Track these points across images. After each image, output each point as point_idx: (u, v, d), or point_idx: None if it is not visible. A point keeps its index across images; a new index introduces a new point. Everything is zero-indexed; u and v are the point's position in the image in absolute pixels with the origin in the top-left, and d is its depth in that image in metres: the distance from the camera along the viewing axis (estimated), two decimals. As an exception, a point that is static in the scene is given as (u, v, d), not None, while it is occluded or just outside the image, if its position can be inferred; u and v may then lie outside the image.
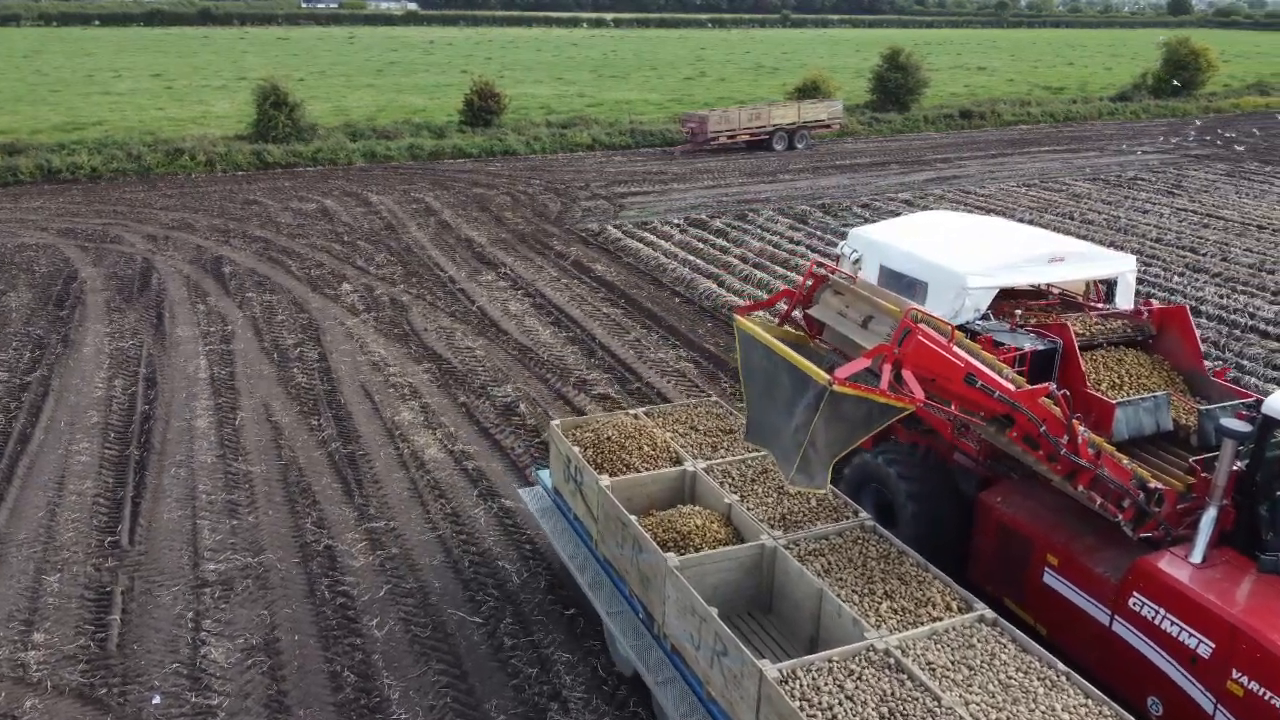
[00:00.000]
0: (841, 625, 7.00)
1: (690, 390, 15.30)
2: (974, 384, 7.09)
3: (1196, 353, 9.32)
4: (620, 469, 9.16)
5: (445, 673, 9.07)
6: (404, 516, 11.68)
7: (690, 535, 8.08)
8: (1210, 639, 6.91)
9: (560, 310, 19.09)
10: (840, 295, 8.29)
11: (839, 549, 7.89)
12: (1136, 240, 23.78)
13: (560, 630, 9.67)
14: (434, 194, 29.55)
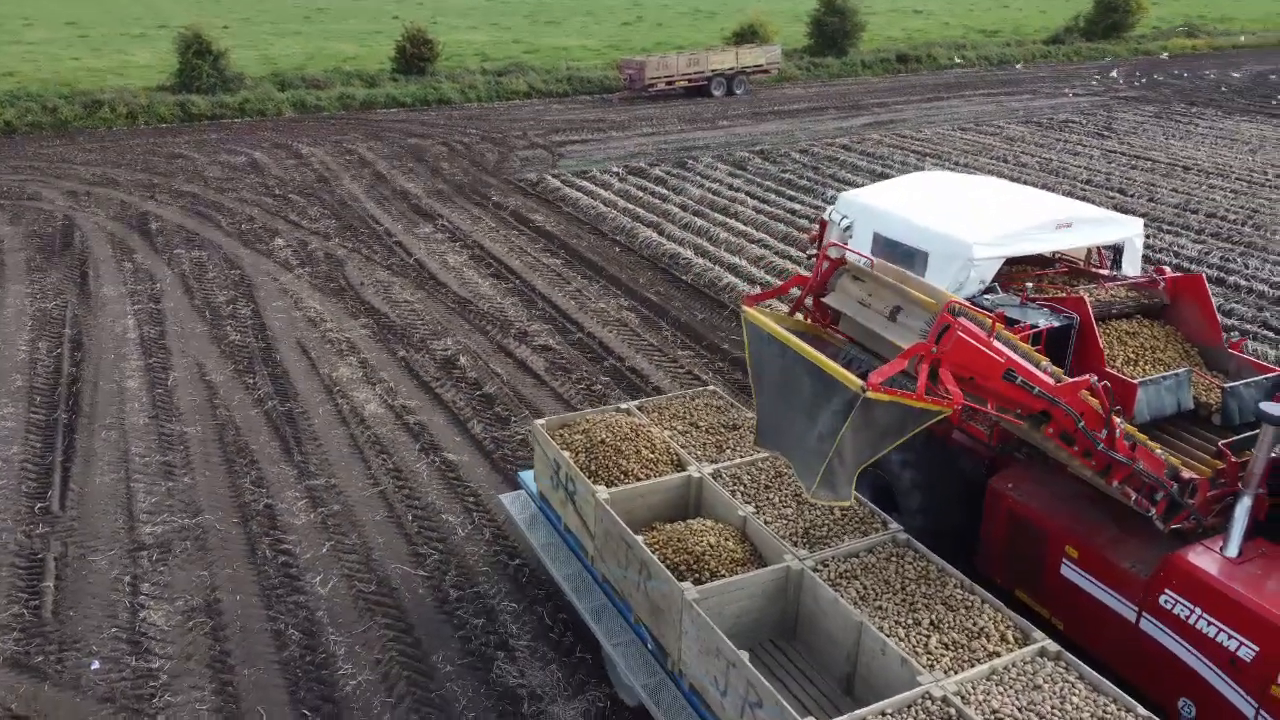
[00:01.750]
0: (887, 665, 6.26)
1: (632, 339, 15.31)
2: (1014, 380, 6.45)
3: (1214, 323, 8.80)
4: (617, 476, 8.24)
5: (390, 627, 9.08)
6: (345, 473, 11.57)
7: (704, 556, 7.24)
8: (1254, 641, 6.48)
9: (500, 261, 18.90)
10: (861, 282, 7.34)
11: (873, 569, 7.07)
12: (1068, 182, 24.18)
13: (505, 580, 9.72)
14: (367, 145, 28.90)
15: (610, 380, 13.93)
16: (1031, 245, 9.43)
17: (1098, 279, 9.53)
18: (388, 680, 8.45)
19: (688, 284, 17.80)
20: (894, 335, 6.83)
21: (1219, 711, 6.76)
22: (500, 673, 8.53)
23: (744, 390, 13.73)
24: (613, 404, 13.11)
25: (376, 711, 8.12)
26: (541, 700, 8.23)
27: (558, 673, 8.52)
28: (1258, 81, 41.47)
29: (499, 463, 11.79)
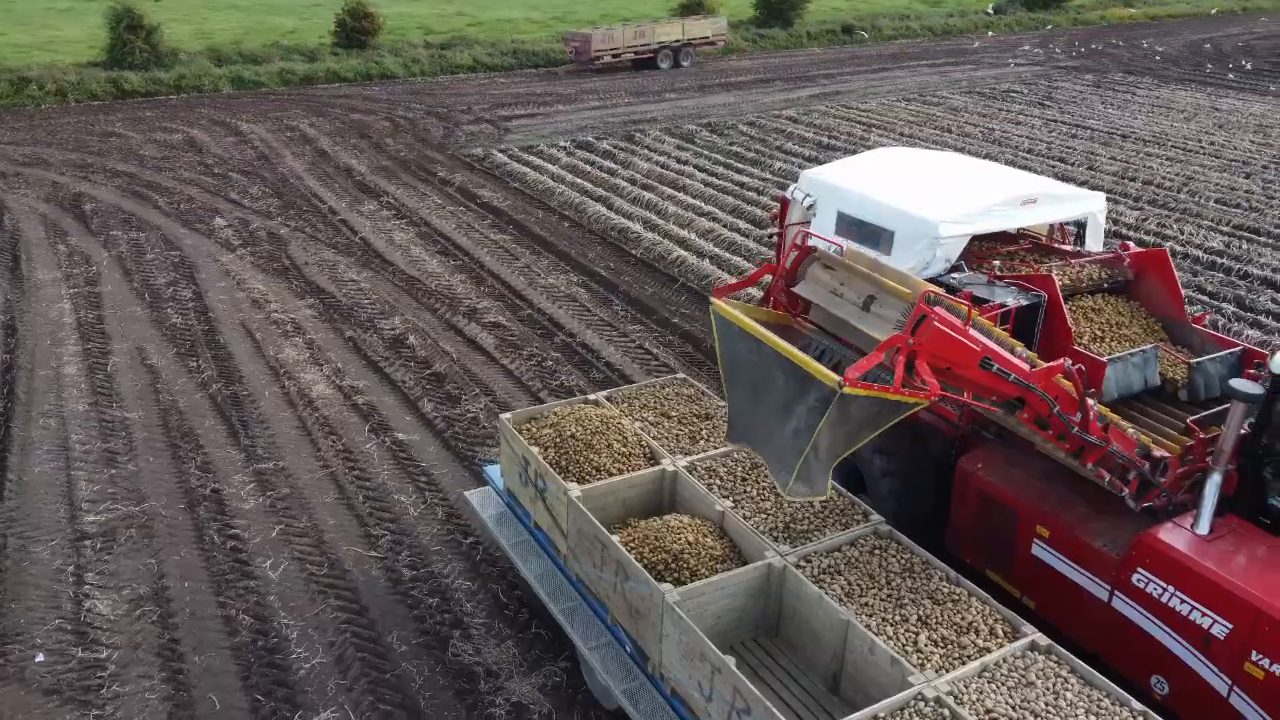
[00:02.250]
0: (875, 664, 6.12)
1: (582, 314, 15.27)
2: (990, 368, 6.36)
3: (1177, 298, 8.82)
4: (589, 472, 7.99)
5: (344, 609, 9.02)
6: (293, 456, 11.43)
7: (682, 555, 7.04)
8: (1228, 619, 6.50)
9: (447, 238, 18.70)
10: (832, 270, 7.05)
11: (856, 564, 6.94)
12: (1010, 151, 24.51)
13: (459, 559, 9.70)
14: (309, 121, 28.34)
15: (561, 357, 13.90)
16: (997, 222, 9.35)
17: (1063, 255, 9.50)
18: (342, 662, 8.41)
19: (637, 258, 17.78)
20: (868, 326, 6.57)
21: (1192, 688, 6.77)
22: (456, 651, 8.53)
23: (698, 364, 13.78)
24: (565, 381, 13.10)
25: (331, 694, 8.08)
26: (498, 677, 8.25)
27: (513, 649, 8.54)
28: (1192, 50, 42.29)
29: (450, 442, 11.73)
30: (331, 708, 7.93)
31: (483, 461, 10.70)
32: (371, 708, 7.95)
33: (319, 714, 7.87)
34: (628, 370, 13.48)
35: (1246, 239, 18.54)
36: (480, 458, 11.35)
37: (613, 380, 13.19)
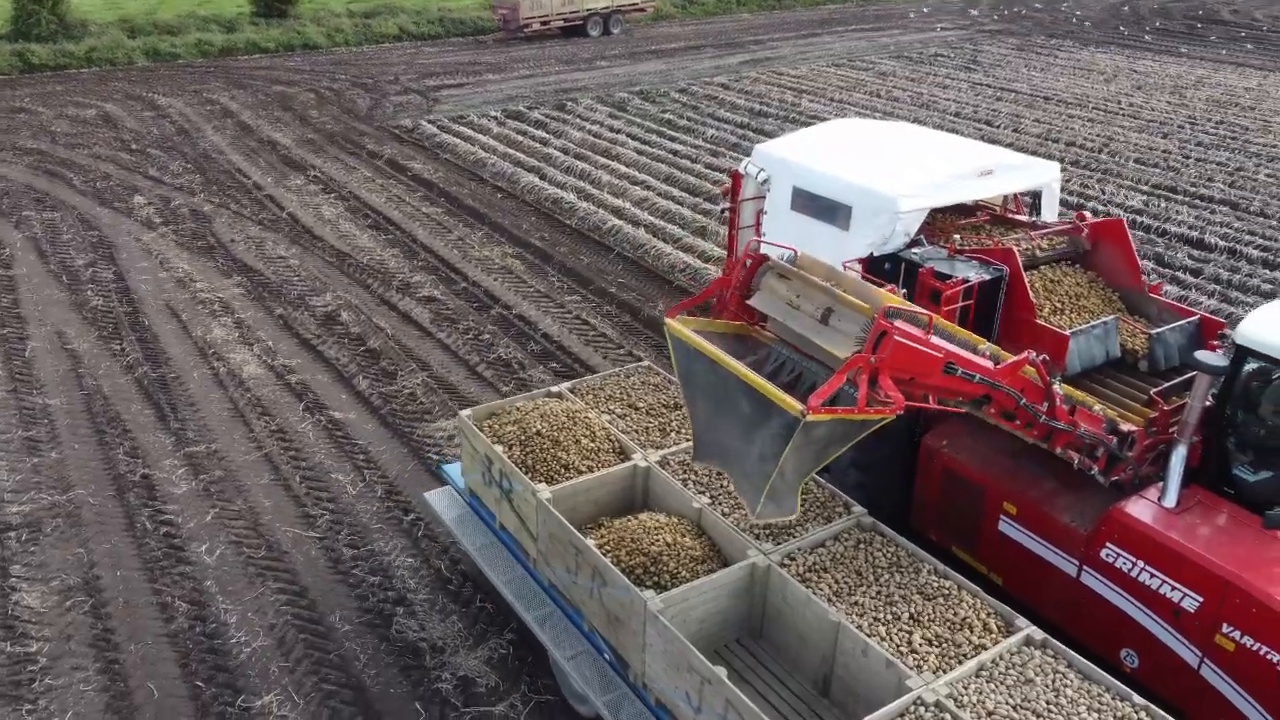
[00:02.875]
0: (869, 666, 5.94)
1: (518, 286, 15.15)
2: (955, 372, 6.21)
3: (1134, 268, 8.76)
4: (557, 471, 7.65)
5: (283, 591, 8.90)
6: (226, 438, 11.19)
7: (661, 557, 6.76)
8: (1197, 592, 6.51)
9: (377, 212, 18.37)
10: (788, 281, 6.64)
11: (841, 560, 6.72)
12: (938, 115, 24.82)
13: (400, 536, 9.62)
14: (230, 94, 27.51)
15: (498, 329, 13.79)
16: (955, 195, 9.22)
17: (1021, 226, 9.41)
18: (284, 645, 8.31)
19: (572, 228, 17.67)
20: (827, 341, 6.21)
21: (1163, 661, 6.79)
22: (400, 628, 8.48)
23: (636, 333, 13.79)
24: (503, 354, 13.00)
25: (274, 677, 7.98)
26: (444, 652, 8.23)
27: (459, 623, 8.52)
28: (1111, 13, 43.16)
29: (388, 419, 11.59)
30: (274, 691, 7.85)
31: (440, 460, 10.11)
32: (315, 689, 7.88)
33: (261, 698, 7.78)
34: (566, 342, 13.44)
35: (1164, 197, 19.08)
36: (430, 449, 11.25)
37: (551, 353, 13.14)
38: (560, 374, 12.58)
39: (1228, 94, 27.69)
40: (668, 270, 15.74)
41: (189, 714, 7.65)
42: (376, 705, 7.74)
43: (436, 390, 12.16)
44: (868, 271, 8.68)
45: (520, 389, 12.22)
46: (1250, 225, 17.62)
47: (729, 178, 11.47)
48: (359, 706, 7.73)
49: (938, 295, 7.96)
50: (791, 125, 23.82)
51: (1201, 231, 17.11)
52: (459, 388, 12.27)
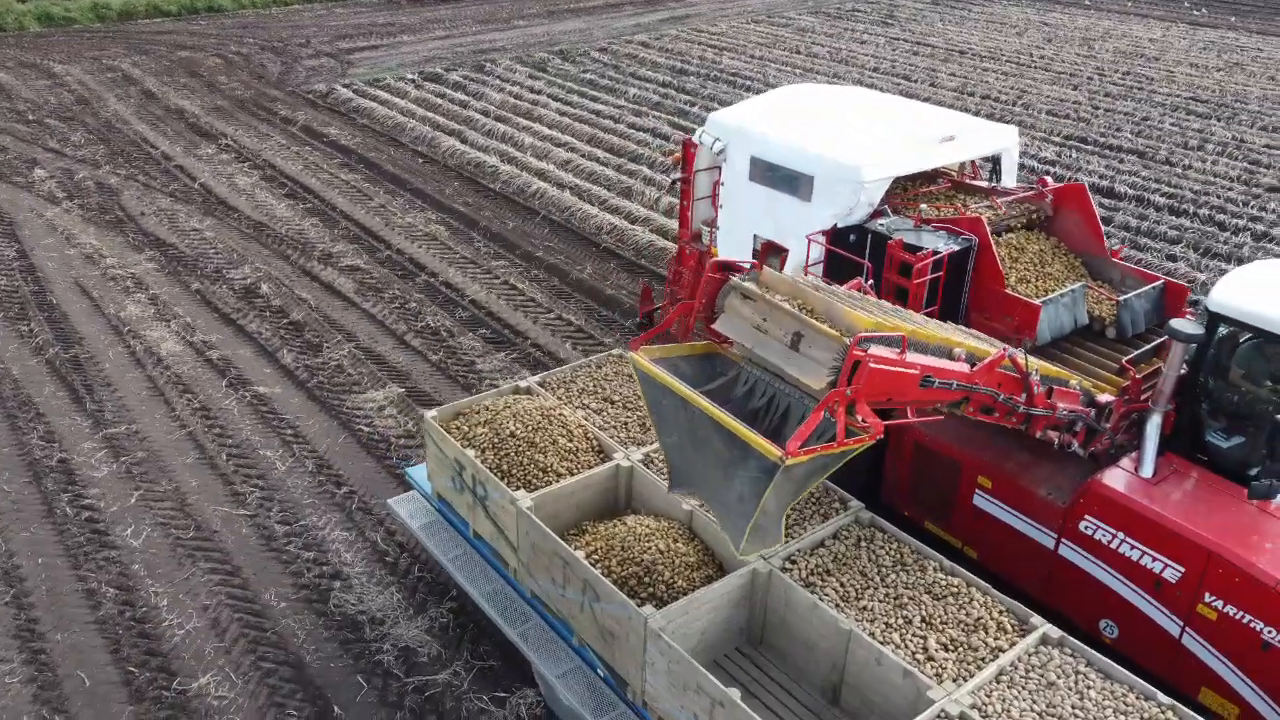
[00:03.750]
0: (885, 676, 5.69)
1: (443, 253, 14.94)
2: (932, 384, 5.97)
3: (1097, 233, 8.69)
4: (535, 475, 7.19)
5: (215, 571, 8.74)
6: (147, 418, 10.88)
7: (655, 566, 6.41)
8: (1179, 563, 6.49)
9: (294, 181, 17.88)
10: (753, 303, 6.18)
11: (845, 560, 6.43)
12: (857, 71, 25.02)
13: (333, 510, 9.50)
14: (132, 60, 26.37)
15: (425, 297, 13.60)
16: (918, 162, 9.02)
17: (982, 193, 9.30)
18: (218, 625, 8.17)
19: (496, 192, 17.45)
20: (798, 370, 5.80)
21: (1143, 631, 6.78)
22: (338, 602, 8.41)
23: (565, 297, 13.73)
24: (431, 322, 12.84)
25: (210, 658, 7.86)
26: (384, 624, 8.18)
27: (397, 595, 8.48)
28: (1022, -34, 43.79)
29: (315, 392, 11.38)
30: (210, 672, 7.73)
31: (402, 463, 9.58)
32: (253, 668, 7.78)
33: (197, 680, 7.66)
34: (495, 308, 13.32)
35: (1076, 148, 19.58)
36: (360, 420, 11.08)
37: (480, 319, 13.02)
38: (490, 340, 12.49)
39: (1133, 45, 28.44)
40: (594, 232, 15.67)
41: (122, 701, 7.50)
42: (317, 681, 7.68)
43: (364, 361, 11.98)
44: (832, 243, 8.58)
45: (449, 357, 12.11)
46: (1157, 173, 18.21)
47: (679, 146, 11.15)
48: (299, 683, 7.66)
49: (908, 268, 7.85)
50: (713, 83, 23.79)
51: (1111, 181, 17.62)
52: (387, 358, 12.09)
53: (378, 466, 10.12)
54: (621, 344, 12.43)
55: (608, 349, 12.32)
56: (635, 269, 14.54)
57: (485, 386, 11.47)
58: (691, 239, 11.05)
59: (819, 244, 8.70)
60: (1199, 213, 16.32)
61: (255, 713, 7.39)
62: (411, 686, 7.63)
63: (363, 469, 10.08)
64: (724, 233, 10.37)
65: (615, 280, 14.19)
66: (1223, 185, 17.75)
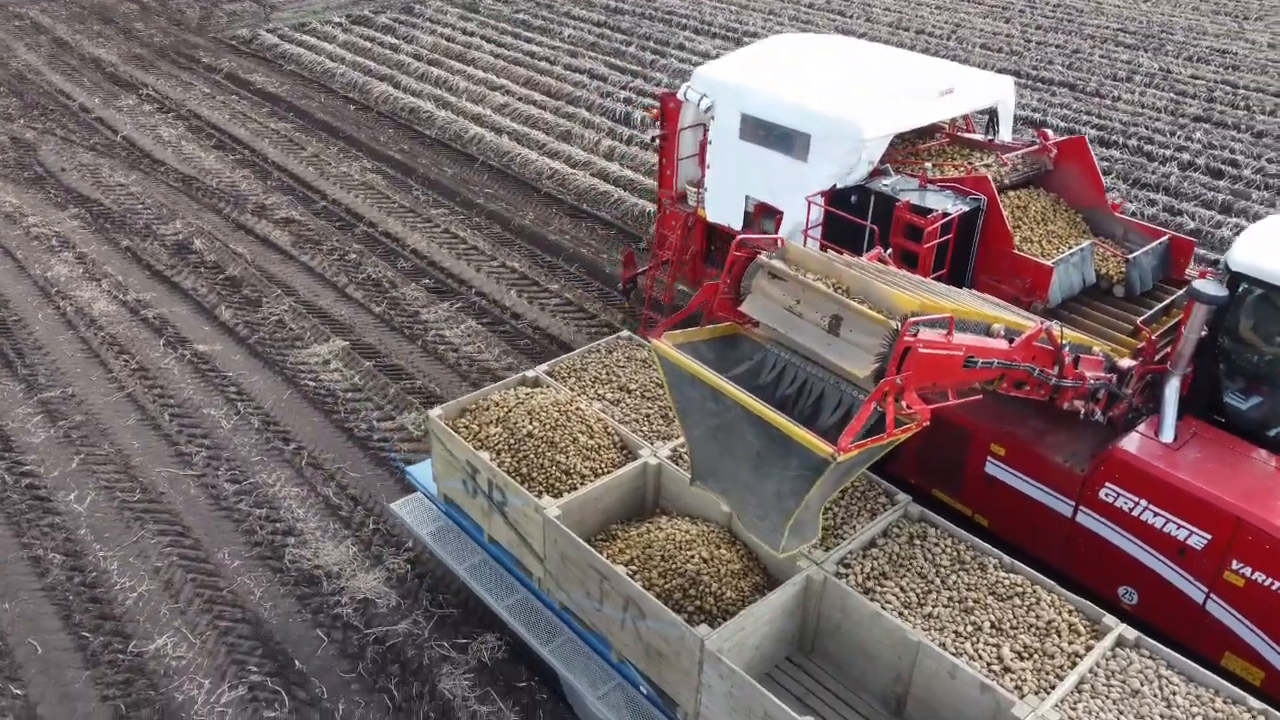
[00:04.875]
0: (958, 690, 5.36)
1: (381, 202, 14.67)
2: (974, 365, 5.69)
3: (1098, 187, 8.47)
4: (557, 477, 6.67)
5: (164, 532, 8.64)
6: (82, 380, 10.62)
7: (700, 576, 5.99)
8: (1206, 530, 6.35)
9: (222, 131, 17.34)
10: (783, 283, 5.72)
11: (900, 562, 6.05)
12: (793, 7, 24.85)
13: (283, 467, 9.42)
14: (39, 7, 25.15)
15: (364, 249, 13.38)
16: (918, 117, 8.67)
17: (982, 148, 9.02)
18: (171, 587, 8.11)
19: (432, 139, 17.12)
20: (840, 356, 5.39)
21: (1164, 597, 6.66)
22: (293, 557, 8.38)
23: (509, 244, 13.61)
24: (372, 274, 12.64)
25: (165, 619, 7.81)
26: (340, 577, 8.20)
27: (352, 548, 8.48)
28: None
29: (256, 348, 11.19)
30: (167, 633, 7.68)
31: (402, 463, 8.79)
32: (210, 627, 7.75)
33: (154, 641, 7.61)
34: (437, 257, 13.16)
35: (1009, 82, 19.78)
36: (305, 375, 10.93)
37: (422, 269, 12.87)
38: (434, 290, 12.37)
39: (1064, -23, 28.65)
40: (535, 178, 15.50)
41: (78, 666, 7.43)
42: (277, 636, 7.68)
43: (306, 315, 11.79)
44: (831, 205, 8.30)
45: (393, 308, 11.97)
46: (1087, 105, 18.51)
47: (657, 101, 10.69)
48: (258, 640, 7.66)
49: (917, 232, 7.63)
50: (649, 22, 23.48)
51: (1044, 114, 17.87)
52: (329, 311, 11.92)
53: (325, 421, 10.03)
54: (568, 290, 12.41)
55: (553, 294, 12.31)
56: (578, 214, 14.44)
57: (431, 337, 11.40)
58: (677, 200, 10.58)
59: (818, 206, 8.39)
60: (1128, 144, 16.67)
61: (214, 671, 7.39)
62: (372, 638, 7.68)
63: (310, 424, 9.99)
64: (712, 194, 9.90)
65: (558, 226, 14.09)
66: (1150, 116, 18.12)
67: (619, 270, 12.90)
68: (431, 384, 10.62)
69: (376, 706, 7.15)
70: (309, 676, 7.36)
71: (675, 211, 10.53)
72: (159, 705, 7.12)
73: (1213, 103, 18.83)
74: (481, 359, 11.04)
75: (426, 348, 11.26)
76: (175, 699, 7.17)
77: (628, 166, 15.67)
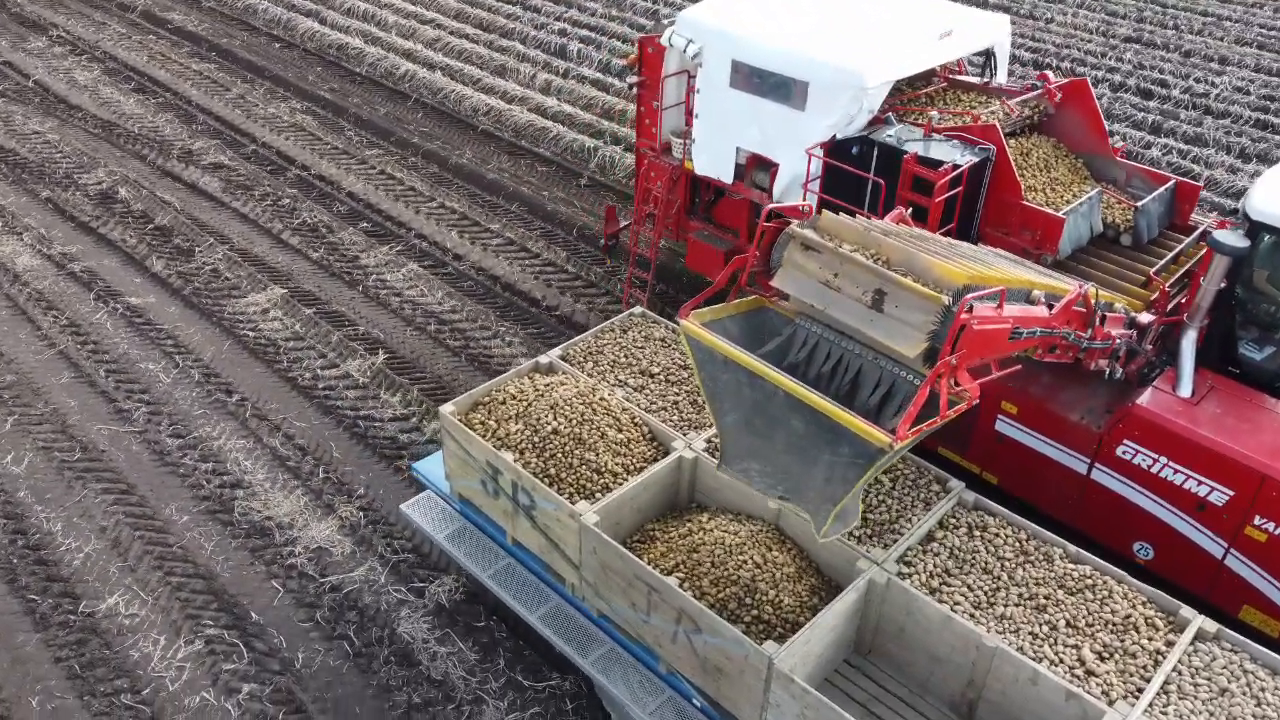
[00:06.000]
0: (1040, 697, 5.15)
1: (313, 143, 14.27)
2: (1020, 336, 5.42)
3: (1100, 131, 8.26)
4: (587, 477, 6.26)
5: (108, 491, 8.50)
6: (10, 339, 10.29)
7: (755, 583, 5.67)
8: (1229, 486, 6.27)
9: (141, 73, 16.64)
10: (818, 255, 5.36)
11: (963, 557, 5.78)
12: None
13: (227, 419, 9.28)
14: (-67, -57, 23.68)
15: (298, 193, 13.05)
16: (919, 62, 8.34)
17: (982, 92, 8.75)
18: (119, 545, 8.00)
19: (363, 77, 16.63)
20: (885, 334, 5.09)
21: (1181, 553, 6.60)
22: (243, 510, 8.31)
23: (446, 184, 13.37)
24: (308, 219, 12.35)
25: (115, 577, 7.72)
26: (292, 527, 8.16)
27: (303, 498, 8.43)
28: None
29: (192, 299, 10.92)
30: (118, 592, 7.61)
31: (409, 458, 8.61)
32: (162, 584, 7.69)
33: (104, 601, 7.54)
34: (374, 199, 12.89)
35: (945, 5, 19.74)
36: (244, 325, 10.69)
37: (360, 212, 12.60)
38: (372, 234, 12.14)
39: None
40: (470, 114, 15.18)
41: (28, 630, 7.34)
42: (231, 590, 7.65)
43: (241, 264, 11.51)
44: (831, 156, 8.03)
45: (331, 254, 11.74)
46: (1021, 28, 18.57)
47: (634, 46, 10.20)
48: (212, 594, 7.62)
49: (926, 186, 7.36)
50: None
51: (979, 37, 17.88)
52: (265, 259, 11.65)
53: (268, 371, 9.88)
54: (510, 229, 12.26)
55: (495, 234, 12.15)
56: (516, 151, 14.21)
57: (372, 282, 11.22)
58: (662, 151, 10.05)
59: (818, 159, 8.10)
60: (1061, 65, 16.79)
61: (169, 627, 7.35)
62: (328, 586, 7.68)
63: (252, 375, 9.83)
64: (700, 145, 9.45)
65: (497, 164, 13.86)
66: (1082, 38, 18.25)
67: (559, 209, 12.77)
68: (375, 330, 10.49)
69: (336, 653, 7.19)
70: (266, 628, 7.36)
71: (659, 164, 10.01)
72: (114, 664, 7.08)
73: (1143, 23, 19.02)
74: (425, 302, 10.91)
75: (368, 293, 11.10)
76: (131, 657, 7.13)
77: (565, 101, 15.41)
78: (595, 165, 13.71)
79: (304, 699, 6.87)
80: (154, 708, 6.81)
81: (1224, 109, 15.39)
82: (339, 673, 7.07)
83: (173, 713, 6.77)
